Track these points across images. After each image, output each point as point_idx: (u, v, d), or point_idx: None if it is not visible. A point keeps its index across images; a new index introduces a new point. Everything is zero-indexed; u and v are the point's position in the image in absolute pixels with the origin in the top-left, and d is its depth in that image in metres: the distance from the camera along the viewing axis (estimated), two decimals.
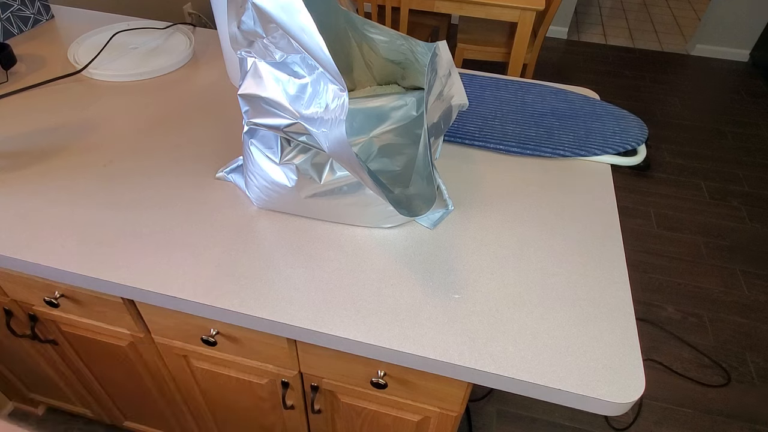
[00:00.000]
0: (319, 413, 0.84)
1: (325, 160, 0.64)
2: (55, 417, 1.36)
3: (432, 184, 0.59)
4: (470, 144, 0.86)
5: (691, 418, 1.44)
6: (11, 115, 0.89)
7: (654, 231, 2.01)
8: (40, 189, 0.74)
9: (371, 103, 0.62)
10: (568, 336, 0.59)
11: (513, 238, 0.71)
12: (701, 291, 1.78)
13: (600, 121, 0.91)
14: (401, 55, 0.67)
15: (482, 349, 0.57)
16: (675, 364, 1.56)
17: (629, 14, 3.77)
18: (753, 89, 2.94)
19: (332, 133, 0.52)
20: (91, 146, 0.83)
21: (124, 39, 1.09)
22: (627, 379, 0.55)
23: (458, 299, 0.62)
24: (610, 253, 0.69)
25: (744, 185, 2.24)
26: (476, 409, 1.45)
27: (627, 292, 0.64)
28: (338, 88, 0.51)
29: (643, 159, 0.86)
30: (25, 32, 1.12)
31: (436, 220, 0.72)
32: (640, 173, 2.29)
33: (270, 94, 0.57)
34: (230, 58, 0.95)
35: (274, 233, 0.70)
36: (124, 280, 0.63)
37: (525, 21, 1.82)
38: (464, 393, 0.68)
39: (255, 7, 0.49)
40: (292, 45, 0.53)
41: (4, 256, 0.65)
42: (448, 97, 0.67)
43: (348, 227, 0.71)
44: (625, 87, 2.92)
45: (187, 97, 0.95)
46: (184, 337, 0.77)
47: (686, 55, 3.28)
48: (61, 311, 0.81)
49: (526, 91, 0.99)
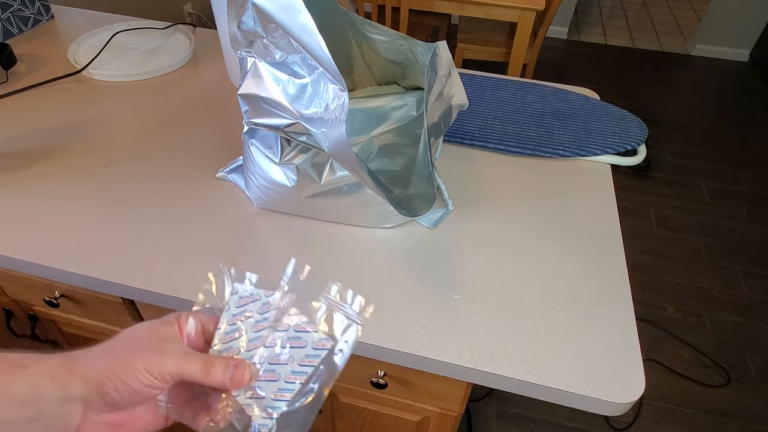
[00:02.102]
0: (320, 413, 0.84)
1: (325, 160, 0.64)
2: None
3: (432, 184, 0.59)
4: (470, 144, 0.86)
5: (691, 418, 1.44)
6: (11, 115, 0.89)
7: (654, 231, 2.01)
8: (40, 189, 0.74)
9: (371, 103, 0.63)
10: (568, 336, 0.59)
11: (513, 238, 0.71)
12: (701, 291, 1.78)
13: (600, 121, 0.91)
14: (401, 55, 0.67)
15: (482, 349, 0.57)
16: (675, 364, 1.56)
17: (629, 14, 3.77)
18: (753, 89, 2.94)
19: (332, 133, 0.52)
20: (91, 146, 0.83)
21: (124, 39, 1.09)
22: (627, 379, 0.55)
23: (458, 299, 0.62)
24: (610, 253, 0.69)
25: (744, 185, 2.24)
26: (476, 409, 1.45)
27: (627, 292, 0.64)
28: (338, 88, 0.51)
29: (643, 159, 0.86)
30: (25, 32, 1.12)
31: (436, 220, 0.72)
32: (640, 173, 2.29)
33: (270, 94, 0.57)
34: (230, 58, 0.95)
35: (273, 233, 0.70)
36: (124, 280, 0.63)
37: (525, 21, 1.82)
38: (464, 393, 0.68)
39: (255, 7, 0.49)
40: (292, 45, 0.53)
41: (4, 256, 0.65)
42: (448, 97, 0.67)
43: (348, 227, 0.71)
44: (625, 87, 2.92)
45: (187, 97, 0.95)
46: None
47: (686, 55, 3.28)
48: (61, 311, 0.81)
49: (526, 91, 0.99)
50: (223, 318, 0.37)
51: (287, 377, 0.36)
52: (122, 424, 0.35)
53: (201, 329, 0.37)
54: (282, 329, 0.37)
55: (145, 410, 0.36)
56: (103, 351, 0.34)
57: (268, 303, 0.38)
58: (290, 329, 0.37)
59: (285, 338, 0.36)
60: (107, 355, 0.33)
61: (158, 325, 0.35)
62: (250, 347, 0.36)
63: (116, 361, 0.33)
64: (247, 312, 0.37)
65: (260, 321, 0.37)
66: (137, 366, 0.32)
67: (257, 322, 0.37)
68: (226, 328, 0.37)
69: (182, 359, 0.33)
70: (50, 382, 0.32)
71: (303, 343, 0.36)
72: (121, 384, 0.32)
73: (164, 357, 0.33)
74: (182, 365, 0.33)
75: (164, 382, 0.33)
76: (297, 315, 0.37)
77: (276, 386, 0.35)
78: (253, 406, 0.35)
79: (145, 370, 0.32)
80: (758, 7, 2.97)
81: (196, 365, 0.34)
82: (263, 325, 0.37)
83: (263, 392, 0.35)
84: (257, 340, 0.37)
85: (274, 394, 0.35)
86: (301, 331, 0.37)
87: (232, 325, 0.37)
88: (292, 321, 0.37)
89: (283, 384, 0.36)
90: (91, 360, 0.33)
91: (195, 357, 0.34)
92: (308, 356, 0.36)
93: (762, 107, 2.78)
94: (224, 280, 0.39)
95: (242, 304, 0.38)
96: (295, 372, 0.36)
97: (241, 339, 0.37)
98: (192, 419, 0.36)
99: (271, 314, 0.37)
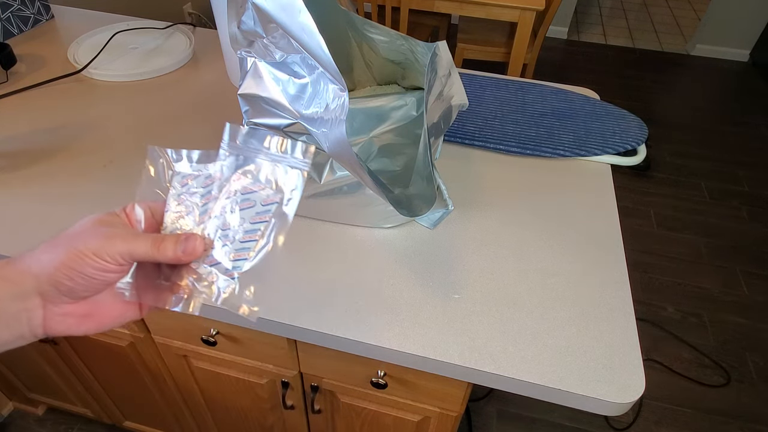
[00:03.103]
0: (320, 413, 0.84)
1: (325, 160, 0.64)
2: (55, 417, 1.36)
3: (432, 184, 0.59)
4: (470, 144, 0.86)
5: (691, 418, 1.44)
6: (11, 115, 0.89)
7: (654, 231, 2.01)
8: (40, 189, 0.74)
9: (371, 103, 0.62)
10: (568, 336, 0.59)
11: (513, 238, 0.71)
12: (701, 291, 1.78)
13: (600, 121, 0.91)
14: (401, 55, 0.67)
15: (482, 349, 0.57)
16: (675, 364, 1.56)
17: (629, 14, 3.77)
18: (753, 89, 2.94)
19: (332, 133, 0.52)
20: (91, 146, 0.83)
21: (124, 39, 1.09)
22: (627, 379, 0.55)
23: (458, 299, 0.62)
24: (610, 253, 0.69)
25: (744, 185, 2.24)
26: (476, 409, 1.45)
27: (627, 292, 0.64)
28: (338, 88, 0.51)
29: (643, 159, 0.86)
30: (25, 32, 1.12)
31: (436, 220, 0.72)
32: (640, 173, 2.29)
33: (270, 94, 0.57)
34: (230, 58, 0.95)
35: None
36: None
37: (525, 21, 1.82)
38: (464, 393, 0.68)
39: (255, 7, 0.49)
40: (292, 45, 0.53)
41: (5, 256, 0.65)
42: (448, 97, 0.67)
43: (348, 227, 0.71)
44: (625, 87, 2.92)
45: (187, 97, 0.95)
46: (184, 337, 0.77)
47: (686, 55, 3.28)
48: None
49: (526, 91, 0.99)
50: (169, 199, 0.38)
51: (242, 238, 0.37)
52: (89, 315, 0.35)
53: (151, 215, 0.38)
54: (229, 196, 0.38)
55: (111, 300, 0.36)
56: (48, 246, 0.34)
57: (210, 176, 0.38)
58: (237, 194, 0.38)
59: (234, 202, 0.37)
60: (53, 247, 0.33)
61: (103, 216, 0.36)
62: (201, 221, 0.37)
63: (63, 251, 0.33)
64: (192, 189, 0.38)
65: (205, 195, 0.38)
66: (84, 251, 0.32)
67: (203, 196, 0.38)
68: (174, 209, 0.38)
69: (131, 239, 0.34)
70: (1, 284, 0.32)
71: (251, 203, 0.37)
72: (72, 272, 0.32)
73: (112, 239, 0.33)
74: (132, 245, 0.34)
75: (116, 264, 0.33)
76: (241, 179, 0.38)
77: (233, 248, 0.37)
78: (213, 272, 0.37)
79: (93, 254, 0.32)
80: (758, 7, 2.97)
81: (146, 242, 0.34)
82: (209, 197, 0.38)
83: (221, 258, 0.37)
84: (205, 213, 0.37)
85: (233, 255, 0.37)
86: (248, 193, 0.37)
87: (178, 204, 0.38)
88: (237, 186, 0.38)
89: (239, 245, 0.37)
90: (38, 255, 0.34)
91: (144, 236, 0.35)
92: (258, 213, 0.37)
93: (762, 107, 2.78)
94: (163, 163, 0.40)
95: (186, 182, 0.39)
96: (248, 231, 0.37)
97: (190, 216, 0.38)
98: (156, 299, 0.37)
99: (215, 186, 0.38)
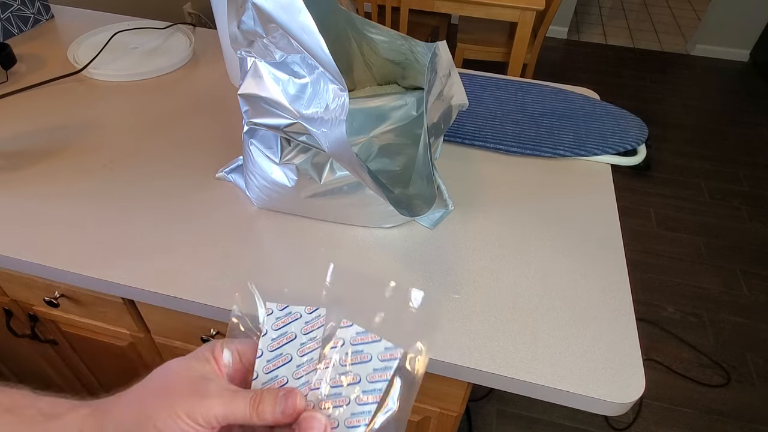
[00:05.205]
0: None
1: (325, 160, 0.64)
2: None
3: (432, 184, 0.59)
4: (470, 144, 0.86)
5: (691, 418, 1.44)
6: (11, 115, 0.89)
7: (654, 231, 2.01)
8: (40, 189, 0.74)
9: (371, 103, 0.62)
10: (568, 336, 0.59)
11: (513, 238, 0.71)
12: (701, 291, 1.78)
13: (600, 121, 0.91)
14: (401, 55, 0.67)
15: (482, 349, 0.57)
16: (675, 364, 1.56)
17: (629, 14, 3.77)
18: (753, 89, 2.94)
19: (332, 133, 0.52)
20: (91, 146, 0.83)
21: (124, 39, 1.09)
22: (627, 379, 0.55)
23: (458, 299, 0.62)
24: (610, 253, 0.69)
25: (744, 185, 2.24)
26: (476, 409, 1.45)
27: (627, 292, 0.64)
28: (338, 88, 0.51)
29: (643, 159, 0.86)
30: (25, 32, 1.12)
31: (436, 220, 0.72)
32: (640, 173, 2.29)
33: (270, 94, 0.57)
34: (230, 58, 0.95)
35: (274, 233, 0.70)
36: (123, 280, 0.63)
37: (525, 21, 1.82)
38: (464, 393, 0.68)
39: (255, 7, 0.49)
40: (292, 45, 0.53)
41: (4, 256, 0.65)
42: (448, 97, 0.67)
43: (348, 227, 0.71)
44: (625, 87, 2.92)
45: (187, 97, 0.95)
46: (184, 337, 0.77)
47: (686, 55, 3.28)
48: (61, 311, 0.81)
49: (526, 91, 0.99)
50: (262, 344, 0.33)
51: (358, 399, 0.31)
52: None
53: (239, 358, 0.33)
54: (336, 346, 0.32)
55: None
56: (135, 398, 0.31)
57: (310, 321, 0.34)
58: (346, 344, 0.32)
59: (343, 355, 0.32)
60: (140, 403, 0.30)
61: (193, 363, 0.32)
62: (299, 374, 0.32)
63: (153, 409, 0.29)
64: (288, 334, 0.33)
65: (306, 343, 0.33)
66: (177, 412, 0.28)
67: (302, 344, 0.33)
68: (267, 356, 0.33)
69: (228, 400, 0.29)
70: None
71: (366, 356, 0.32)
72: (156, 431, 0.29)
73: (208, 399, 0.29)
74: (229, 407, 0.29)
75: (210, 428, 0.29)
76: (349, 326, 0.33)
77: (349, 411, 0.31)
78: None
79: (186, 416, 0.28)
80: (758, 7, 2.97)
81: (244, 404, 0.30)
82: (310, 346, 0.33)
83: (334, 421, 0.31)
84: (307, 365, 0.32)
85: (348, 421, 0.30)
86: (361, 343, 0.32)
87: (272, 351, 0.33)
88: (347, 334, 0.32)
89: (356, 407, 0.31)
90: (123, 410, 0.30)
91: (241, 395, 0.30)
92: (377, 370, 0.32)
93: (762, 107, 2.78)
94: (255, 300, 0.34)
95: (281, 325, 0.34)
96: (366, 391, 0.31)
97: (286, 366, 0.32)
98: None
99: (318, 332, 0.33)
